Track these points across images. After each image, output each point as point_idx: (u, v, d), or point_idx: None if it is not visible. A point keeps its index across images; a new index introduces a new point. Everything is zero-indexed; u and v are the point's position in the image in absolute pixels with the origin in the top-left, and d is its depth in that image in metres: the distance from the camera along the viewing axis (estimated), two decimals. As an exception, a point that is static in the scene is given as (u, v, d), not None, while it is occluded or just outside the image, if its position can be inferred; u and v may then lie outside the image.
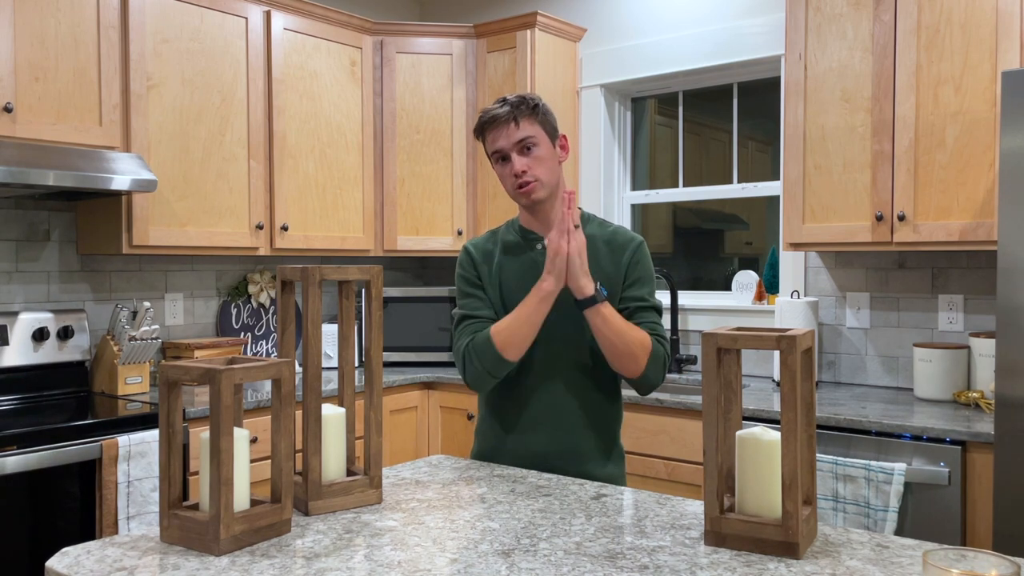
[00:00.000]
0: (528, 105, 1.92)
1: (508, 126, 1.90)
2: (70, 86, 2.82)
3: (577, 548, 1.37)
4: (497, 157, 1.95)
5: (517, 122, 1.90)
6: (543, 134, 1.93)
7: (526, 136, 1.91)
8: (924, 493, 2.43)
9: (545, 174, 1.93)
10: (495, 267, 1.99)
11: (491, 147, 1.95)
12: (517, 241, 2.02)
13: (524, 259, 1.99)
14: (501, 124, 1.91)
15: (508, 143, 1.91)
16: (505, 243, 2.02)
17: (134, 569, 1.28)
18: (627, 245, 1.98)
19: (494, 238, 2.06)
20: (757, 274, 3.56)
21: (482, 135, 1.96)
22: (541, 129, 1.93)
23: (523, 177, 1.91)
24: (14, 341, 2.92)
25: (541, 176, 1.92)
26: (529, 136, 1.91)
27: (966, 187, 2.67)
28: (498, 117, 1.91)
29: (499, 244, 2.03)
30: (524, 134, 1.90)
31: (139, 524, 2.58)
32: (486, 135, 1.95)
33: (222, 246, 3.26)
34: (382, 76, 3.85)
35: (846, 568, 1.27)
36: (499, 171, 1.97)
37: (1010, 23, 2.57)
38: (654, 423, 2.95)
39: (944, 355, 2.82)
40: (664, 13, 3.73)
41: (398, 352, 3.82)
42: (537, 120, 1.93)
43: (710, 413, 1.38)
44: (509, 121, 1.90)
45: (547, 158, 1.93)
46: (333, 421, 1.61)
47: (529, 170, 1.91)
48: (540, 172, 1.92)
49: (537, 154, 1.92)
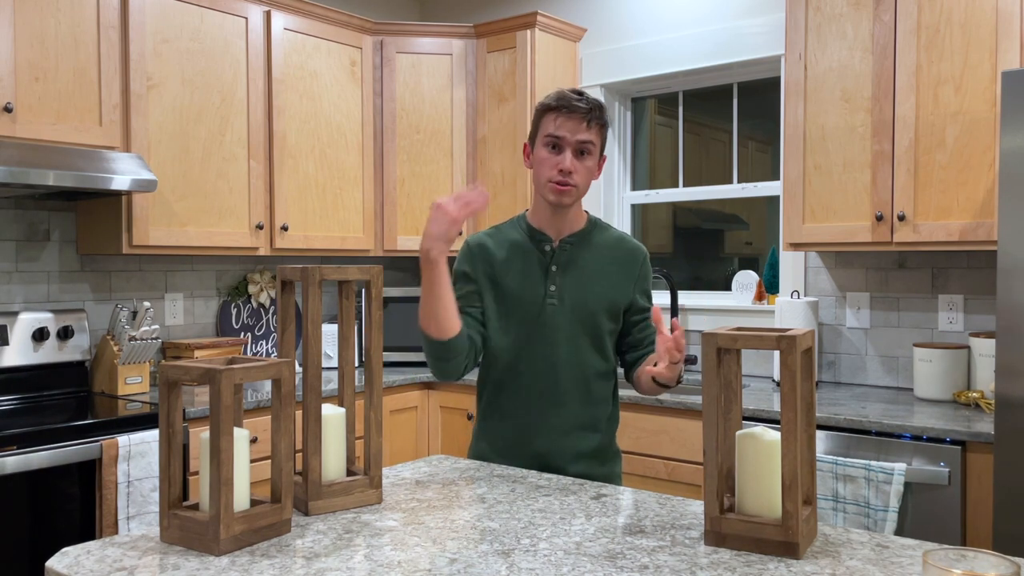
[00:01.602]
0: (604, 114, 1.90)
1: (582, 122, 1.86)
2: (70, 86, 2.82)
3: (577, 548, 1.37)
4: (550, 142, 1.89)
5: (590, 124, 1.87)
6: (598, 148, 1.92)
7: (589, 140, 1.88)
8: (924, 493, 2.43)
9: (584, 184, 1.91)
10: (496, 265, 1.97)
11: (550, 129, 1.88)
12: (523, 240, 1.99)
13: (530, 259, 1.96)
14: (576, 116, 1.86)
15: (572, 137, 1.87)
16: (511, 241, 1.99)
17: (134, 569, 1.28)
18: (635, 255, 2.00)
19: (498, 235, 2.02)
20: (757, 274, 3.56)
21: (544, 114, 1.91)
22: (600, 142, 1.92)
23: (567, 177, 1.88)
24: (14, 341, 2.92)
25: (580, 184, 1.90)
26: (591, 142, 1.89)
27: (966, 187, 2.67)
28: (577, 109, 1.86)
29: (504, 242, 1.99)
30: (589, 138, 1.88)
31: (139, 524, 2.58)
32: (550, 117, 1.89)
33: (222, 246, 3.26)
34: (382, 76, 3.85)
35: (846, 568, 1.27)
36: (542, 155, 1.90)
37: (1010, 23, 2.57)
38: (654, 423, 2.95)
39: (944, 355, 2.82)
40: (664, 13, 3.73)
41: (398, 352, 3.82)
42: (602, 132, 1.92)
43: (710, 413, 1.38)
44: (584, 119, 1.87)
45: (592, 170, 1.92)
46: (333, 421, 1.61)
47: (575, 173, 1.88)
48: (581, 180, 1.90)
49: (587, 163, 1.90)
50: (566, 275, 1.94)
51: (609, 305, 1.95)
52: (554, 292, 1.93)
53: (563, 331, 1.92)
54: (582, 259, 1.95)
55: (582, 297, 1.93)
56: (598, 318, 1.94)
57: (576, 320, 1.92)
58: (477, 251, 2.00)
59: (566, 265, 1.94)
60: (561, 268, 1.94)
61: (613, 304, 1.96)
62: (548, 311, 1.93)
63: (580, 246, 1.97)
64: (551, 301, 1.93)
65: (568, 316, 1.92)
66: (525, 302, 1.94)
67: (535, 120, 1.94)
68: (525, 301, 1.94)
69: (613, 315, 1.96)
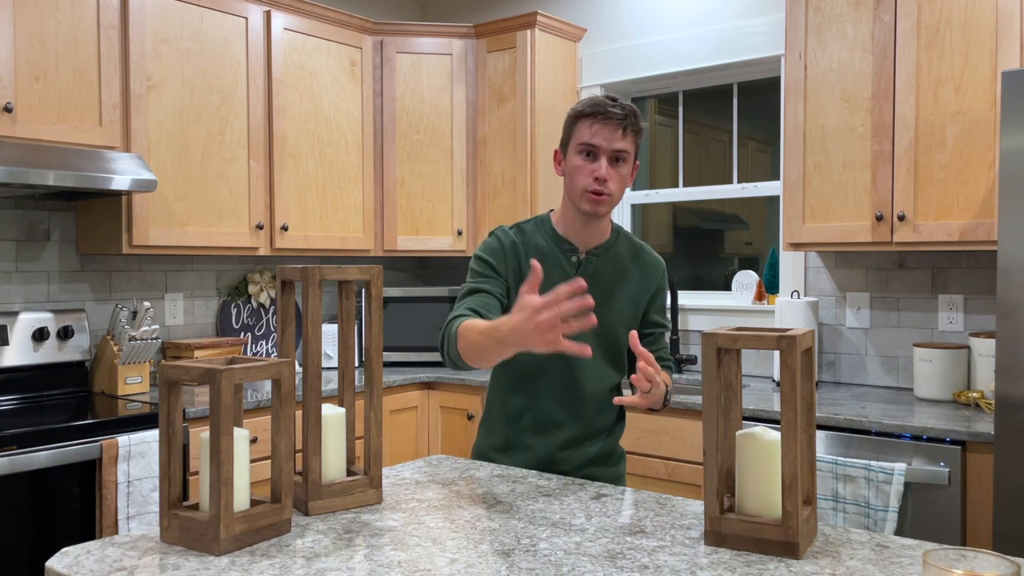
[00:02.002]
0: (639, 121, 1.86)
1: (617, 130, 1.82)
2: (70, 86, 2.82)
3: (577, 548, 1.37)
4: (585, 150, 1.84)
5: (625, 132, 1.83)
6: (632, 156, 1.88)
7: (625, 149, 1.84)
8: (924, 493, 2.43)
9: (619, 193, 1.87)
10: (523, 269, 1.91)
11: (585, 137, 1.83)
12: (549, 247, 1.93)
13: (555, 269, 1.91)
14: (611, 124, 1.82)
15: (608, 145, 1.82)
16: (535, 246, 1.93)
17: (134, 569, 1.28)
18: (655, 269, 2.00)
19: (522, 237, 1.95)
20: (757, 274, 3.56)
21: (577, 121, 1.86)
22: (635, 149, 1.88)
23: (602, 186, 1.83)
24: (14, 341, 2.92)
25: (615, 193, 1.86)
26: (627, 151, 1.84)
27: (966, 187, 2.67)
28: (612, 116, 1.82)
29: (529, 246, 1.93)
30: (625, 146, 1.83)
31: (139, 524, 2.58)
32: (584, 123, 1.84)
33: (222, 246, 3.26)
34: (382, 76, 3.85)
35: (846, 568, 1.27)
36: (576, 162, 1.85)
37: (1010, 23, 2.57)
38: (654, 423, 2.95)
39: (944, 355, 2.82)
40: (664, 13, 3.73)
41: (398, 352, 3.82)
42: (637, 140, 1.87)
43: (710, 413, 1.38)
44: (620, 126, 1.82)
45: (626, 179, 1.88)
46: (333, 421, 1.61)
47: (610, 182, 1.84)
48: (616, 189, 1.85)
49: (622, 171, 1.86)
50: (591, 289, 1.91)
51: (628, 320, 1.96)
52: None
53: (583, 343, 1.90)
54: (607, 272, 1.94)
55: (603, 312, 1.92)
56: (618, 333, 1.94)
57: (596, 335, 1.91)
58: (510, 249, 1.93)
59: (590, 278, 1.92)
60: (586, 281, 1.91)
61: (632, 319, 1.97)
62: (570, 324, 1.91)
63: (604, 259, 1.94)
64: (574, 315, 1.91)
65: (591, 331, 1.89)
66: None
67: (568, 126, 1.89)
68: None
69: (630, 329, 1.96)
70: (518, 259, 1.92)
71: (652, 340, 2.00)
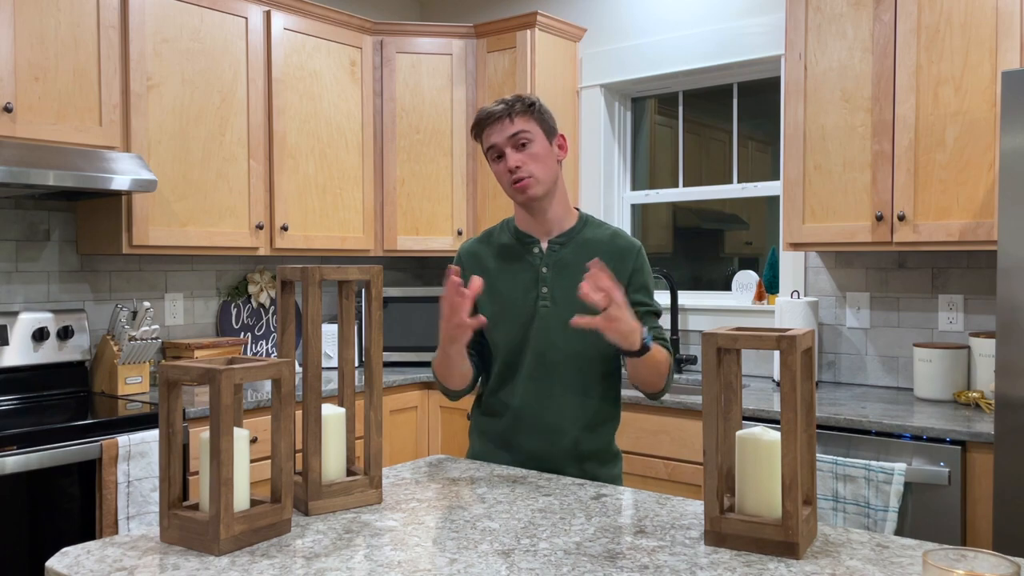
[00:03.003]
0: (524, 103, 1.90)
1: (502, 122, 1.88)
2: (70, 86, 2.82)
3: (577, 548, 1.37)
4: (493, 155, 1.92)
5: (512, 118, 1.88)
6: (539, 131, 1.91)
7: (520, 131, 1.88)
8: (924, 493, 2.43)
9: (541, 171, 1.90)
10: (489, 271, 1.97)
11: (486, 144, 1.92)
12: (511, 244, 1.99)
13: (519, 264, 1.96)
14: (496, 120, 1.89)
15: (502, 138, 1.89)
16: (500, 245, 2.00)
17: (134, 569, 1.28)
18: (629, 251, 1.97)
19: (489, 239, 2.03)
20: (757, 274, 3.56)
21: (479, 134, 1.94)
22: (537, 126, 1.91)
23: (517, 172, 1.88)
24: (14, 341, 2.92)
25: (536, 172, 1.89)
26: (523, 131, 1.89)
27: (966, 187, 2.67)
28: (493, 114, 1.89)
29: (495, 247, 2.01)
30: (518, 128, 1.88)
31: (139, 524, 2.58)
32: (482, 133, 1.93)
33: (222, 246, 3.26)
34: (382, 76, 3.85)
35: (846, 568, 1.27)
36: (496, 169, 1.93)
37: (1010, 23, 2.57)
38: (654, 423, 2.95)
39: (944, 355, 2.82)
40: (664, 13, 3.73)
41: (398, 352, 3.82)
42: (533, 117, 1.90)
43: (710, 413, 1.38)
44: (503, 117, 1.88)
45: (543, 155, 1.90)
46: (333, 421, 1.61)
47: (524, 165, 1.88)
48: (535, 168, 1.89)
49: (532, 150, 1.89)
50: (558, 276, 1.92)
51: None
52: (546, 294, 1.92)
53: (558, 333, 1.91)
54: (573, 259, 1.94)
55: (575, 298, 1.91)
56: None
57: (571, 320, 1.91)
58: (468, 261, 2.01)
59: (557, 266, 1.93)
60: (552, 269, 1.93)
61: None
62: (541, 313, 1.92)
63: (569, 245, 1.95)
64: (543, 303, 1.92)
65: (563, 317, 1.90)
66: (518, 306, 1.93)
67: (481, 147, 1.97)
68: (518, 305, 1.93)
69: None
70: (479, 266, 1.99)
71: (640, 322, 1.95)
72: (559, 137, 1.96)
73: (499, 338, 1.96)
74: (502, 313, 1.94)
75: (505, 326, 1.94)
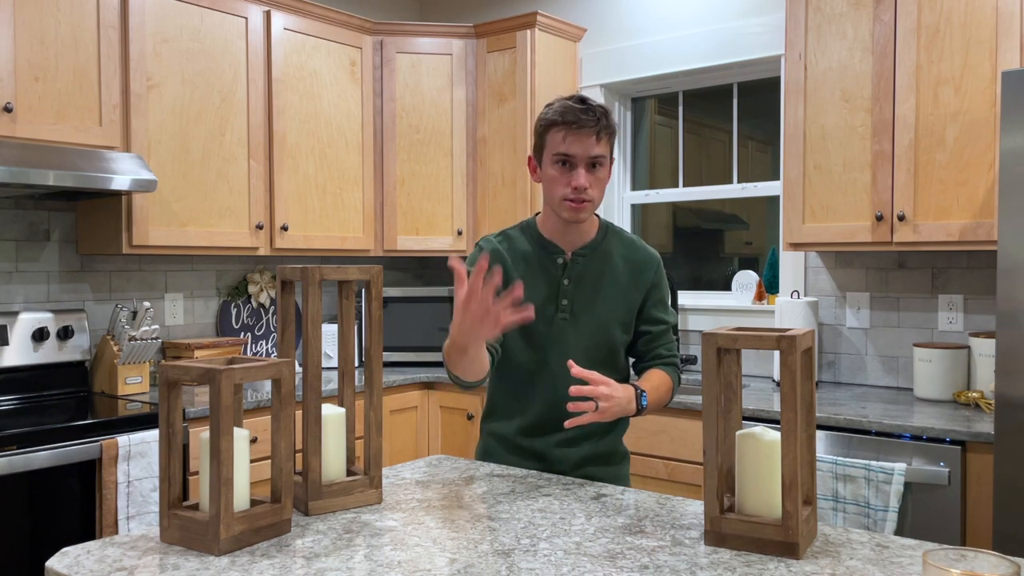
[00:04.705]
0: (611, 121, 1.82)
1: (591, 136, 1.78)
2: (70, 86, 2.82)
3: (577, 548, 1.37)
4: (560, 159, 1.81)
5: (600, 137, 1.79)
6: (609, 158, 1.85)
7: (601, 154, 1.81)
8: (924, 493, 2.43)
9: (599, 197, 1.85)
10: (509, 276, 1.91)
11: (558, 147, 1.80)
12: (535, 251, 1.93)
13: (541, 273, 1.92)
14: (585, 132, 1.78)
15: (584, 153, 1.79)
16: (521, 252, 1.94)
17: (134, 569, 1.28)
18: (648, 264, 1.96)
19: (508, 243, 1.95)
20: (757, 274, 3.56)
21: (549, 130, 1.82)
22: (610, 152, 1.85)
23: (582, 194, 1.80)
24: (14, 341, 2.92)
25: (596, 198, 1.84)
26: (603, 155, 1.81)
27: (966, 187, 2.67)
28: (585, 124, 1.78)
29: (515, 252, 1.94)
30: (601, 152, 1.80)
31: (139, 524, 2.58)
32: (557, 133, 1.80)
33: (222, 246, 3.26)
34: (382, 76, 3.85)
35: (846, 568, 1.27)
36: (552, 173, 1.83)
37: (1010, 23, 2.57)
38: (654, 423, 2.95)
39: (944, 355, 2.82)
40: (664, 13, 3.73)
41: (398, 352, 3.82)
42: (612, 141, 1.85)
43: (710, 413, 1.38)
44: (593, 132, 1.78)
45: (605, 180, 1.85)
46: (333, 421, 1.61)
47: (591, 188, 1.81)
48: (596, 194, 1.83)
49: (600, 175, 1.83)
50: (578, 289, 1.90)
51: (622, 318, 1.93)
52: (566, 307, 1.89)
53: (575, 346, 1.90)
54: (595, 272, 1.92)
55: (594, 312, 1.91)
56: (611, 332, 1.92)
57: (588, 334, 1.90)
58: (493, 256, 1.93)
59: (578, 279, 1.91)
60: (573, 282, 1.91)
61: (626, 316, 1.94)
62: (559, 325, 1.89)
63: (593, 258, 1.92)
64: (562, 316, 1.90)
65: (580, 331, 1.89)
66: (537, 316, 1.89)
67: (539, 134, 1.85)
68: (537, 315, 1.89)
69: (625, 327, 1.94)
70: (503, 263, 1.91)
71: (653, 337, 1.96)
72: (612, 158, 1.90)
73: (516, 353, 1.92)
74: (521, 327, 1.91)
75: (524, 339, 1.92)
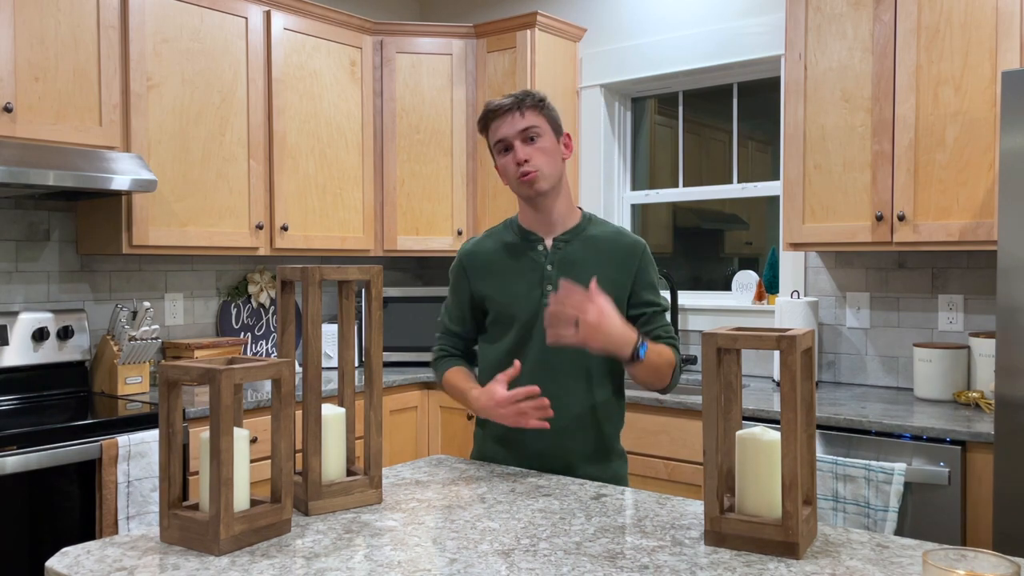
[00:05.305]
0: (534, 97, 1.91)
1: (512, 115, 1.89)
2: (70, 86, 2.82)
3: (577, 548, 1.37)
4: (500, 148, 1.92)
5: (522, 111, 1.89)
6: (547, 127, 1.92)
7: (530, 125, 1.89)
8: (924, 493, 2.43)
9: (548, 165, 1.90)
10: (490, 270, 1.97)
11: (494, 137, 1.92)
12: (516, 241, 1.99)
13: (524, 261, 1.96)
14: (505, 113, 1.89)
15: (512, 131, 1.89)
16: (504, 244, 2.00)
17: (134, 569, 1.28)
18: (633, 249, 1.97)
19: (490, 239, 2.03)
20: (757, 274, 3.56)
21: (486, 127, 1.94)
22: (546, 122, 1.92)
23: (525, 166, 1.88)
24: (14, 341, 2.92)
25: (544, 167, 1.89)
26: (533, 126, 1.89)
27: (966, 187, 2.67)
28: (502, 107, 1.90)
29: (498, 245, 2.01)
30: (528, 123, 1.89)
31: (139, 524, 2.58)
32: (490, 126, 1.93)
33: (222, 246, 3.26)
34: (382, 76, 3.85)
35: (846, 568, 1.27)
36: (501, 163, 1.93)
37: (1010, 23, 2.57)
38: (654, 423, 2.95)
39: (944, 355, 2.82)
40: (664, 13, 3.73)
41: (398, 352, 3.82)
42: (542, 113, 1.91)
43: (710, 413, 1.38)
44: (513, 110, 1.89)
45: (550, 150, 1.91)
46: (333, 421, 1.61)
47: (532, 159, 1.88)
48: (543, 163, 1.89)
49: (540, 145, 1.90)
50: (562, 274, 1.92)
51: None
52: (551, 292, 1.92)
53: None
54: (578, 256, 1.94)
55: None
56: None
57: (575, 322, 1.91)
58: (468, 262, 2.02)
59: (561, 264, 1.93)
60: (556, 267, 1.93)
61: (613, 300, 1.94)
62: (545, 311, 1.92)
63: (574, 243, 1.96)
64: (548, 302, 1.92)
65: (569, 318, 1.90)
66: (522, 304, 1.93)
67: (486, 139, 1.97)
68: (522, 303, 1.93)
69: None
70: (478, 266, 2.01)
71: (648, 319, 1.95)
72: (565, 136, 1.97)
73: (503, 341, 1.95)
74: (506, 315, 1.95)
75: (510, 327, 1.94)
